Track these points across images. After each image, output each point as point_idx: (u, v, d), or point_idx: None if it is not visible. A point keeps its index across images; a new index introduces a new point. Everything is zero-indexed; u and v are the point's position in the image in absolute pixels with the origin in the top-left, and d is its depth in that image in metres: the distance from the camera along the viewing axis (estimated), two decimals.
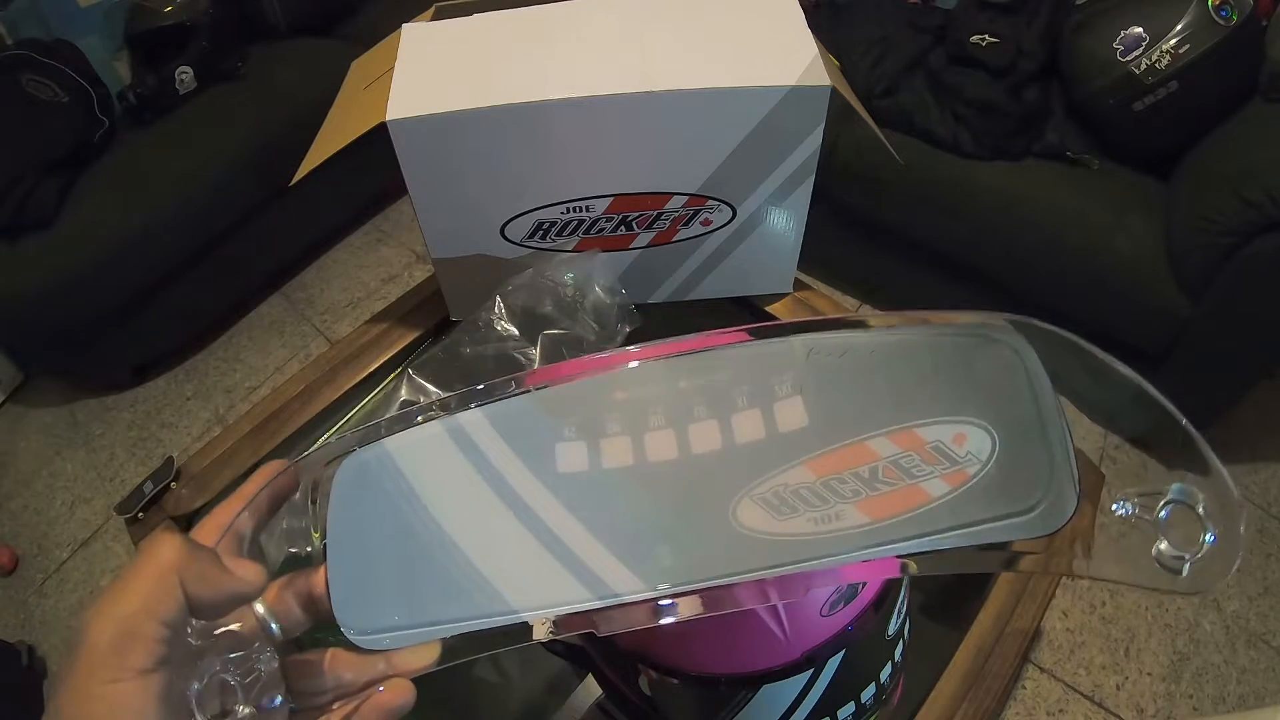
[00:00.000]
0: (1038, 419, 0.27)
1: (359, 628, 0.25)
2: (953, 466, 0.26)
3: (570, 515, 0.27)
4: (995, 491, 0.26)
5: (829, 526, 0.26)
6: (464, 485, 0.27)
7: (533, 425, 0.28)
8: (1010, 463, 0.26)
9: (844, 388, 0.28)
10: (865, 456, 0.27)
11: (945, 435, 0.26)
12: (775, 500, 0.26)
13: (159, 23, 1.51)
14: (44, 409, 1.61)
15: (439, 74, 0.55)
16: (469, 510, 0.27)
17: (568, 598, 0.26)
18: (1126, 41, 1.14)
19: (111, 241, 1.37)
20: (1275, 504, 1.33)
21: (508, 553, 0.26)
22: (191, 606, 0.22)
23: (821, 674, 0.40)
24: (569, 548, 0.26)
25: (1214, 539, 0.24)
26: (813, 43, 0.55)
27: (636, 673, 0.44)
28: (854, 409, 0.27)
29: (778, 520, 0.26)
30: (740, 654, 0.39)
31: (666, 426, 0.28)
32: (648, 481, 0.27)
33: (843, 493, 0.26)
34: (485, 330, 0.60)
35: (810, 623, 0.39)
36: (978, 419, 0.27)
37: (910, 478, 0.26)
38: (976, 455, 0.26)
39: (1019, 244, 1.26)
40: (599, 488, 0.27)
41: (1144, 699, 1.11)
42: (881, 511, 0.26)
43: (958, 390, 0.27)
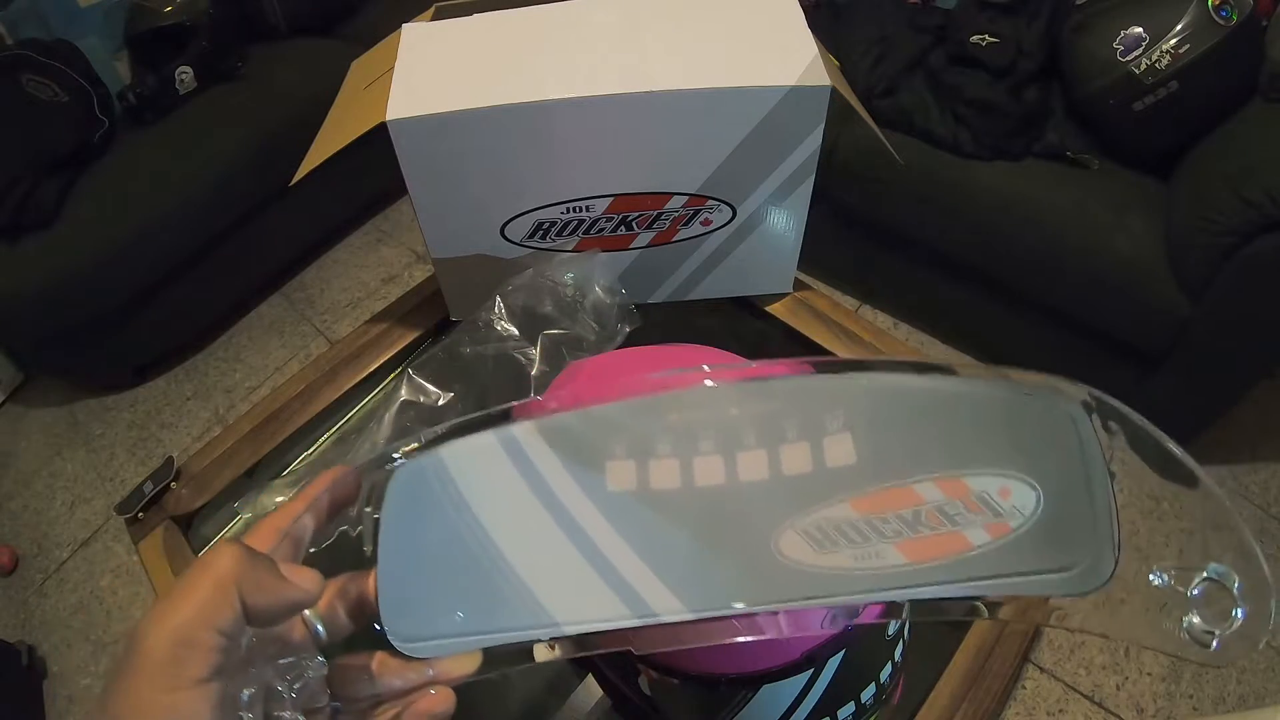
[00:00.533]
0: (1085, 482, 0.27)
1: (406, 635, 0.26)
2: (995, 518, 0.27)
3: (616, 533, 0.27)
4: (1035, 547, 0.26)
5: (868, 564, 0.26)
6: (514, 497, 0.28)
7: (585, 441, 0.28)
8: (1053, 521, 0.27)
9: (895, 429, 0.29)
10: (910, 499, 0.27)
11: (991, 487, 0.27)
12: (818, 533, 0.27)
13: (159, 23, 1.52)
14: (44, 409, 1.61)
15: (439, 74, 0.55)
16: (518, 522, 0.27)
17: (608, 614, 0.26)
18: (1126, 41, 1.14)
19: (111, 241, 1.37)
20: (1275, 504, 1.33)
21: (553, 567, 0.27)
22: (249, 615, 0.22)
23: (821, 674, 0.40)
24: (613, 565, 0.27)
25: (1243, 615, 0.25)
26: (813, 43, 0.55)
27: (636, 673, 0.44)
28: (903, 451, 0.28)
29: (818, 553, 0.27)
30: (740, 654, 0.39)
31: (716, 452, 0.28)
32: (694, 505, 0.28)
33: (885, 532, 0.27)
34: (485, 330, 0.60)
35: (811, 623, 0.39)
36: (1025, 475, 0.27)
37: (953, 524, 0.27)
38: (1020, 509, 0.27)
39: (1019, 244, 1.26)
40: (646, 508, 0.28)
41: (1144, 699, 1.11)
42: (921, 554, 0.26)
43: (1008, 445, 0.28)
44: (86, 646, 1.28)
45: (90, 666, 1.25)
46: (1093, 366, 1.32)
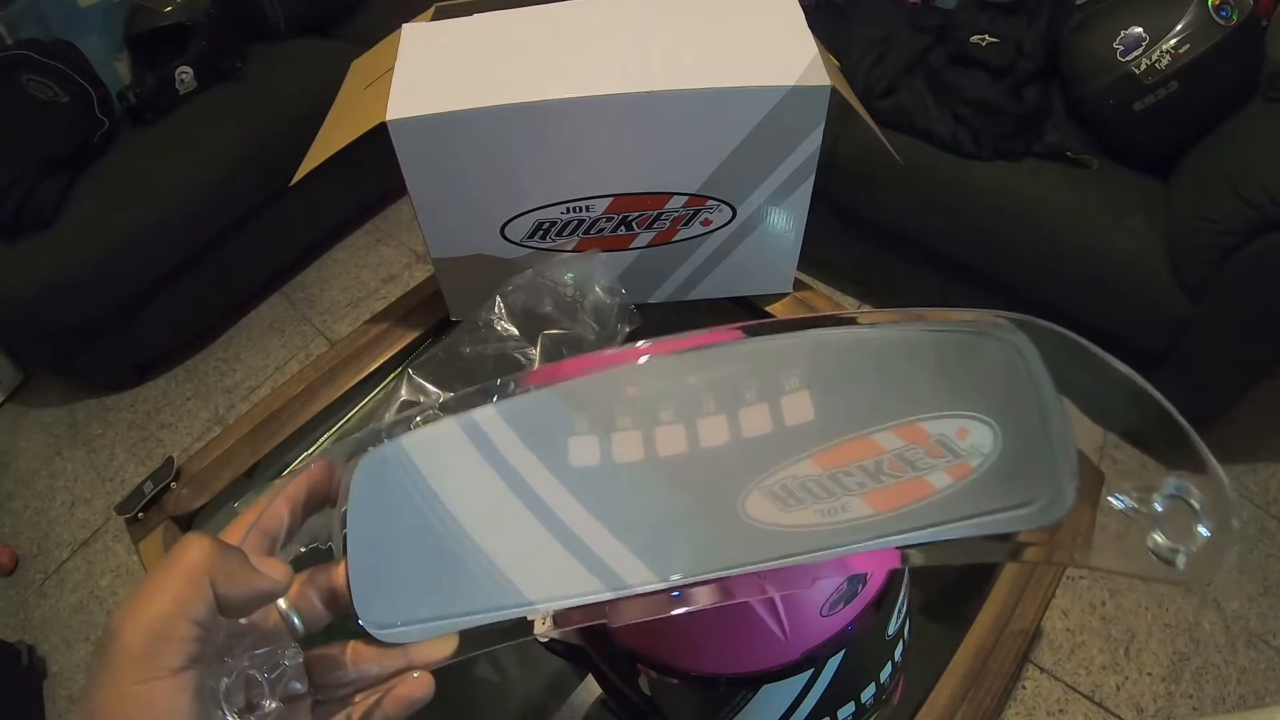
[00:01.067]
0: (1039, 414, 0.27)
1: (379, 621, 0.26)
2: (956, 460, 0.27)
3: (583, 508, 0.27)
4: (997, 484, 0.26)
5: (835, 518, 0.26)
6: (479, 480, 0.28)
7: (545, 420, 0.28)
8: (1012, 456, 0.27)
9: (849, 382, 0.29)
10: (871, 450, 0.27)
11: (949, 429, 0.27)
12: (783, 493, 0.27)
13: (159, 23, 1.52)
14: (44, 409, 1.61)
15: (439, 74, 0.55)
16: (484, 504, 0.27)
17: (581, 589, 0.26)
18: (1126, 41, 1.14)
19: (111, 241, 1.37)
20: (1275, 504, 1.33)
21: (522, 546, 0.27)
22: (220, 605, 0.22)
23: (821, 674, 0.40)
24: (582, 540, 0.27)
25: (1208, 532, 0.25)
26: (813, 43, 0.55)
27: (636, 673, 0.44)
28: (859, 403, 0.28)
29: (785, 512, 0.27)
30: (740, 654, 0.39)
31: (676, 421, 0.28)
32: (658, 475, 0.28)
33: (849, 485, 0.27)
34: (485, 330, 0.60)
35: (810, 622, 0.39)
36: (981, 413, 0.27)
37: (915, 470, 0.27)
38: (979, 449, 0.27)
39: (1019, 244, 1.26)
40: (611, 481, 0.28)
41: (1144, 699, 1.11)
42: (887, 503, 0.27)
43: (961, 385, 0.28)
44: (86, 646, 1.28)
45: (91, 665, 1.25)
46: None
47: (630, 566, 0.26)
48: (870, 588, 0.41)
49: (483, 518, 0.27)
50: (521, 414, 0.28)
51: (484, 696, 0.61)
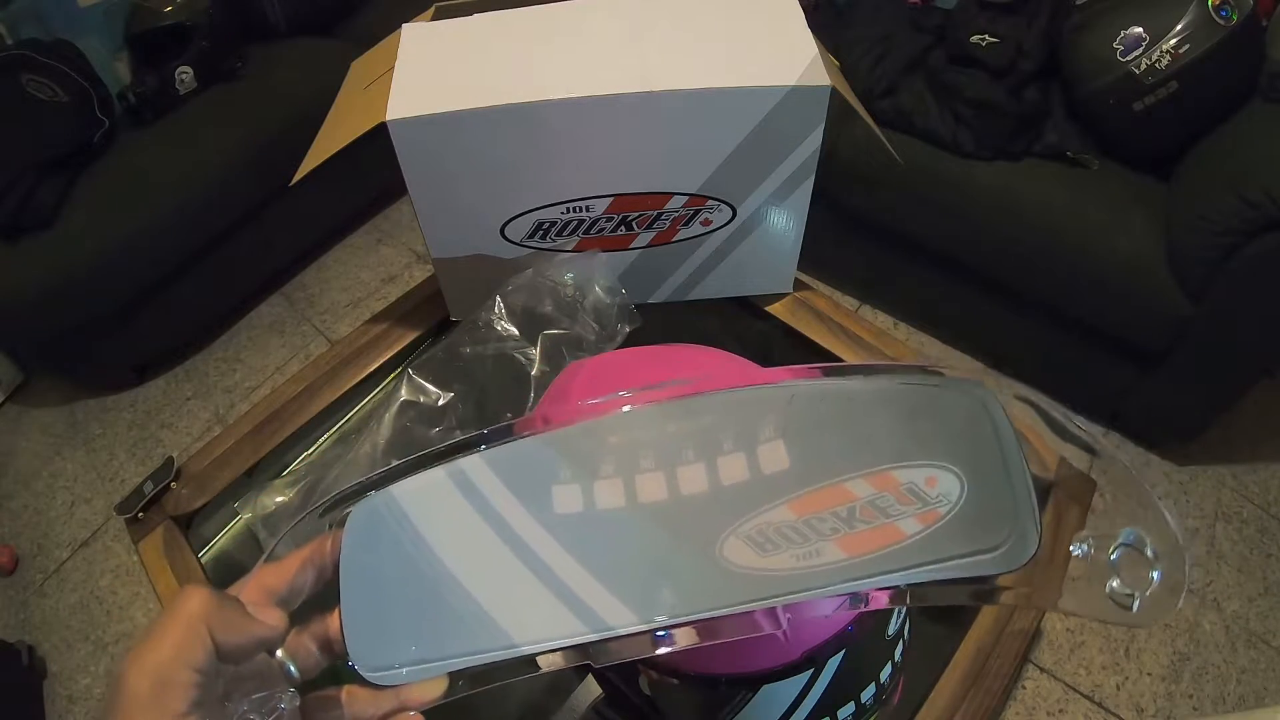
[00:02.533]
0: (1002, 463, 0.29)
1: (372, 665, 0.27)
2: (925, 507, 0.28)
3: (567, 554, 0.28)
4: (964, 530, 0.28)
5: (810, 562, 0.28)
6: (467, 527, 0.29)
7: (530, 469, 0.30)
8: (978, 503, 0.28)
9: (823, 433, 0.30)
10: (844, 497, 0.29)
11: (918, 478, 0.29)
12: (759, 538, 0.28)
13: (159, 23, 1.51)
14: (44, 409, 1.61)
15: (439, 74, 0.55)
16: (472, 551, 0.29)
17: (566, 631, 0.27)
18: (1126, 41, 1.14)
19: (111, 241, 1.37)
20: (1275, 504, 1.33)
21: (509, 590, 0.28)
22: (219, 652, 0.24)
23: (821, 674, 0.40)
24: (566, 584, 0.28)
25: (1160, 576, 0.27)
26: (813, 43, 0.55)
27: (636, 673, 0.44)
28: (832, 453, 0.30)
29: (762, 557, 0.28)
30: (740, 654, 0.39)
31: (657, 469, 0.30)
32: (640, 521, 0.29)
33: (822, 531, 0.28)
34: (485, 330, 0.60)
35: (810, 623, 0.39)
36: (948, 463, 0.29)
37: (886, 517, 0.28)
38: (947, 496, 0.28)
39: (1019, 243, 1.26)
40: (594, 527, 0.29)
41: (1144, 699, 1.11)
42: (859, 548, 0.28)
43: (929, 436, 0.30)
44: (86, 646, 1.28)
45: (90, 666, 1.25)
46: (1093, 366, 1.32)
47: (613, 609, 0.28)
48: None
49: (471, 564, 0.28)
50: (507, 462, 0.30)
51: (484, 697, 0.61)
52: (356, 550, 0.28)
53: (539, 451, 0.30)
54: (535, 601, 0.28)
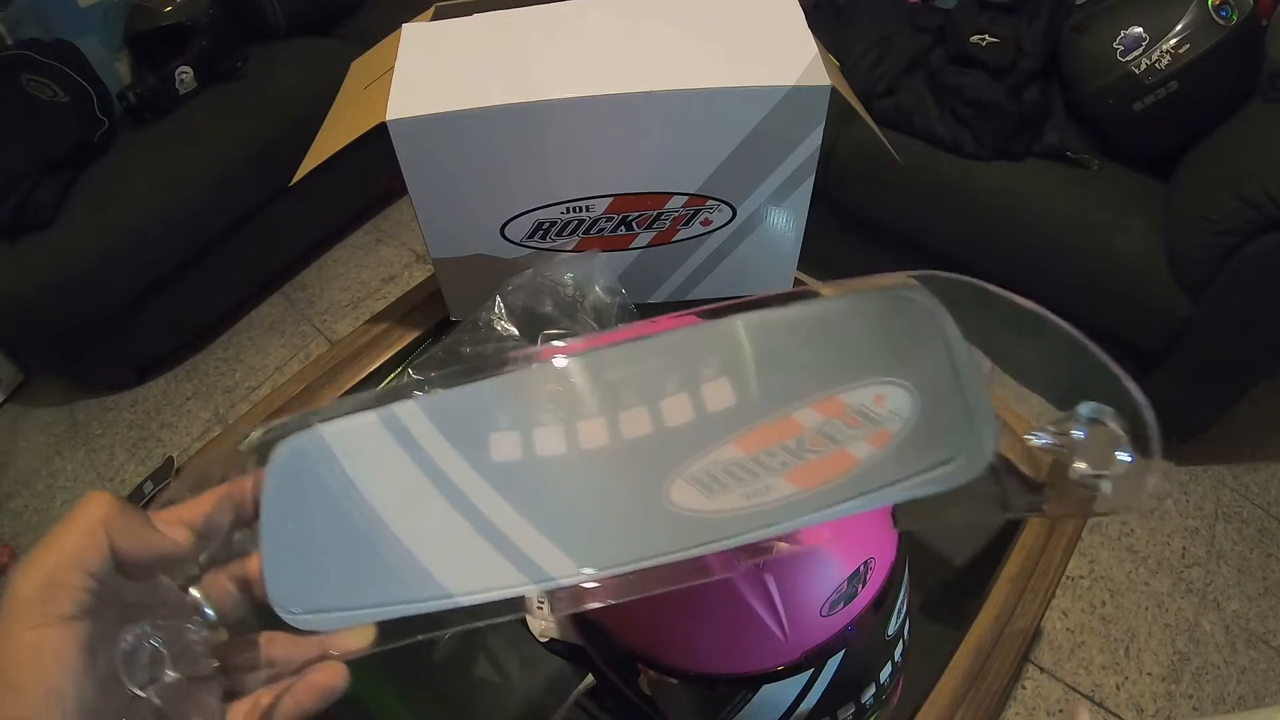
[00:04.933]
0: (951, 370, 0.27)
1: (292, 608, 0.25)
2: (876, 428, 0.27)
3: (505, 502, 0.27)
4: (918, 446, 0.26)
5: (760, 500, 0.26)
6: (399, 472, 0.27)
7: (467, 415, 0.28)
8: (930, 416, 0.27)
9: (767, 364, 0.29)
10: (791, 429, 0.27)
11: (866, 398, 0.27)
12: (707, 478, 0.27)
13: (159, 23, 1.52)
14: (44, 409, 1.61)
15: (439, 74, 0.55)
16: (404, 497, 0.27)
17: (503, 582, 0.26)
18: (1126, 41, 1.14)
19: (111, 241, 1.37)
20: (1275, 504, 1.33)
21: (442, 539, 0.27)
22: (118, 562, 0.23)
23: (821, 674, 0.40)
24: (503, 534, 0.27)
25: (1130, 457, 0.25)
26: (813, 43, 0.55)
27: (637, 673, 0.44)
28: (778, 384, 0.28)
29: (710, 498, 0.27)
30: (740, 654, 0.39)
31: (598, 415, 0.28)
32: (582, 468, 0.28)
33: (772, 465, 0.27)
34: (485, 330, 0.60)
35: (810, 622, 0.39)
36: (895, 378, 0.27)
37: (836, 443, 0.27)
38: (898, 413, 0.27)
39: (1019, 244, 1.26)
40: (533, 475, 0.28)
41: (1144, 699, 1.11)
42: (811, 479, 0.27)
43: (873, 353, 0.28)
44: None
45: None
46: None
47: (553, 558, 0.26)
48: (870, 588, 0.41)
49: (403, 510, 0.27)
50: (443, 409, 0.28)
51: (484, 696, 0.61)
52: (280, 489, 0.27)
53: (476, 398, 0.29)
54: (471, 551, 0.26)
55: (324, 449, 0.28)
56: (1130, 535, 1.29)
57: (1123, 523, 1.30)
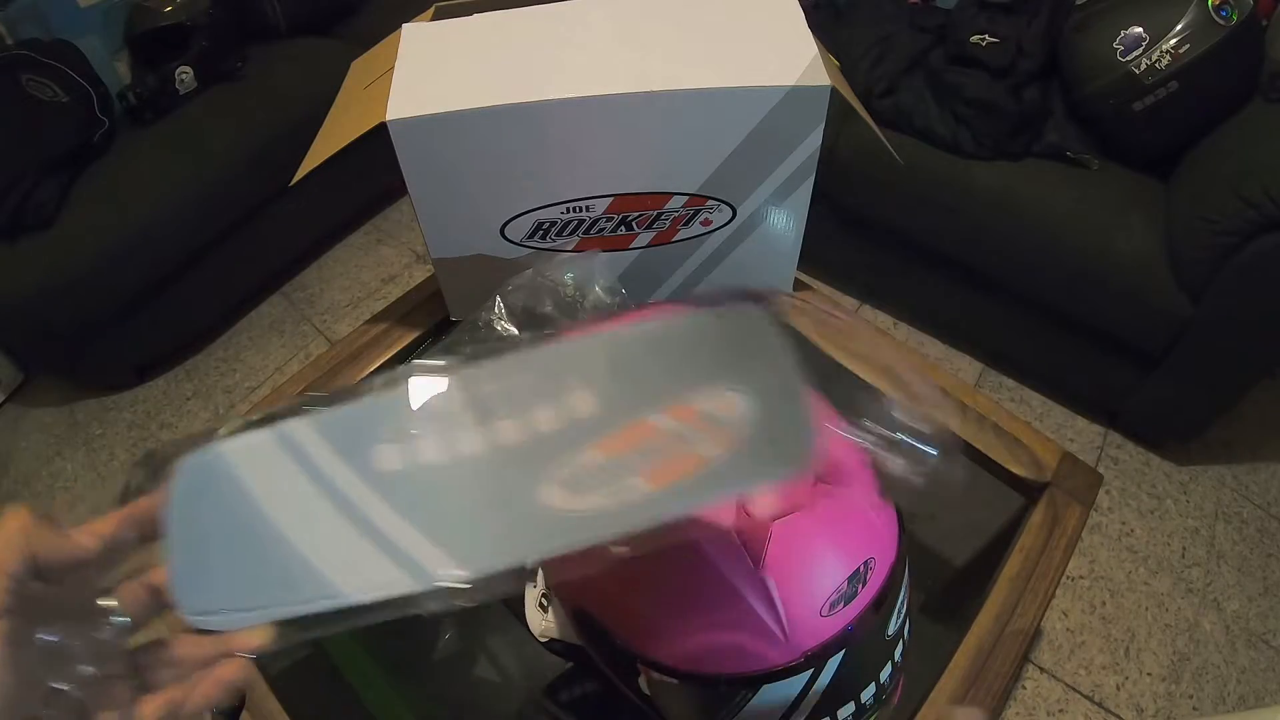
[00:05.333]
0: (783, 378, 0.31)
1: (196, 611, 0.28)
2: (720, 429, 0.30)
3: (389, 508, 0.30)
4: (757, 444, 0.30)
5: (620, 498, 0.30)
6: (292, 484, 0.30)
7: (353, 431, 0.31)
8: (764, 416, 0.31)
9: (627, 375, 0.33)
10: (648, 432, 0.31)
11: (712, 403, 0.31)
12: (573, 481, 0.30)
13: (159, 23, 1.51)
14: (44, 409, 1.61)
15: (439, 74, 0.55)
16: (295, 506, 0.30)
17: (390, 581, 0.29)
18: (1126, 41, 1.14)
19: (111, 241, 1.37)
20: (1275, 504, 1.33)
21: (332, 543, 0.30)
22: (36, 566, 0.26)
23: (821, 674, 0.40)
24: (388, 537, 0.29)
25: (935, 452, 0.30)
26: (813, 43, 0.55)
27: (637, 673, 0.44)
28: (636, 392, 0.32)
29: (576, 498, 0.30)
30: (740, 654, 0.39)
31: (476, 425, 0.31)
32: (459, 474, 0.31)
33: (631, 466, 0.30)
34: (485, 330, 0.60)
35: (810, 623, 0.39)
36: (736, 385, 0.31)
37: (687, 445, 0.30)
38: (739, 417, 0.31)
39: (1019, 244, 1.26)
40: (415, 482, 0.30)
41: (1144, 699, 1.11)
42: (664, 479, 0.30)
43: (720, 363, 0.32)
44: None
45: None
46: (1092, 366, 1.32)
47: (435, 559, 0.29)
48: (870, 588, 0.41)
49: (294, 518, 0.30)
50: (331, 425, 0.31)
51: (484, 696, 0.61)
52: (182, 503, 0.30)
53: (362, 414, 0.32)
54: (359, 554, 0.29)
55: (222, 465, 0.31)
56: (1130, 535, 1.29)
57: (1122, 522, 1.30)
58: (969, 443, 0.63)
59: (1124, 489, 1.34)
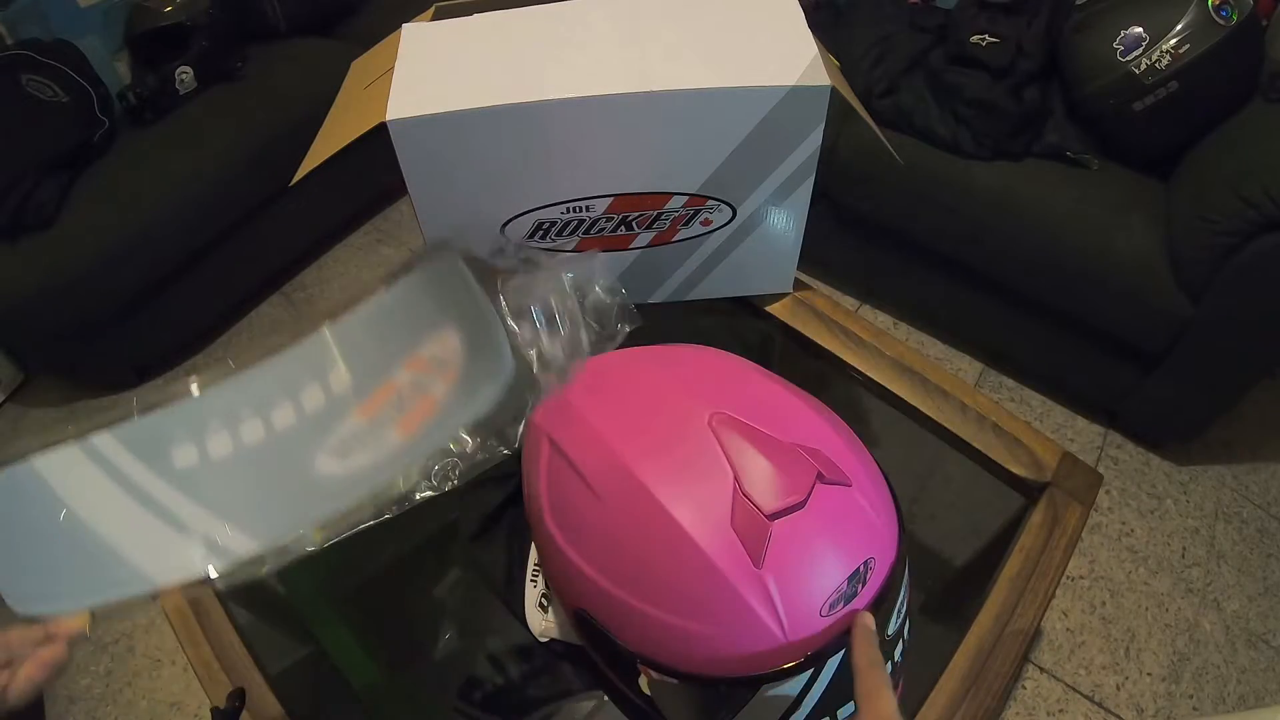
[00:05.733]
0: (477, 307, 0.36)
1: (21, 603, 0.31)
2: (445, 368, 0.35)
3: (186, 499, 0.34)
4: (472, 373, 0.34)
5: (380, 451, 0.34)
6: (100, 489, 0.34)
7: (150, 438, 0.35)
8: (473, 350, 0.35)
9: (371, 346, 0.38)
10: (392, 389, 0.36)
11: (434, 348, 0.36)
12: (340, 447, 0.35)
13: (159, 23, 1.51)
14: (44, 409, 1.61)
15: (439, 74, 0.55)
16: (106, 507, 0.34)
17: (195, 563, 0.32)
18: (1126, 41, 1.14)
19: (111, 241, 1.37)
20: (1275, 504, 1.33)
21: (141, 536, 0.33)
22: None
23: (821, 674, 0.40)
24: (189, 525, 0.33)
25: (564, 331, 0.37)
26: (813, 43, 0.55)
27: (637, 673, 0.44)
28: (379, 358, 0.37)
29: (345, 462, 0.34)
30: (740, 654, 0.39)
31: (255, 417, 0.36)
32: (248, 461, 0.35)
33: (384, 421, 0.35)
34: None
35: (810, 623, 0.39)
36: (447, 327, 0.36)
37: (423, 391, 0.35)
38: (454, 351, 0.35)
39: (1019, 244, 1.26)
40: (209, 474, 0.35)
41: (1144, 699, 1.11)
42: (412, 426, 0.34)
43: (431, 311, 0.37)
44: (86, 646, 1.27)
45: (91, 666, 1.25)
46: (1092, 366, 1.32)
47: (232, 538, 0.33)
48: (870, 588, 0.41)
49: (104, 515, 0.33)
50: (131, 435, 0.35)
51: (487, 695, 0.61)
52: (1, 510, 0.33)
53: (158, 423, 0.36)
54: (163, 542, 0.33)
55: (32, 476, 0.34)
56: (1130, 535, 1.29)
57: (1123, 522, 1.30)
58: (969, 442, 0.63)
59: (1124, 489, 1.34)
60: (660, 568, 0.41)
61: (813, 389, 0.50)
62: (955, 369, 1.50)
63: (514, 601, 0.59)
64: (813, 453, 0.42)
